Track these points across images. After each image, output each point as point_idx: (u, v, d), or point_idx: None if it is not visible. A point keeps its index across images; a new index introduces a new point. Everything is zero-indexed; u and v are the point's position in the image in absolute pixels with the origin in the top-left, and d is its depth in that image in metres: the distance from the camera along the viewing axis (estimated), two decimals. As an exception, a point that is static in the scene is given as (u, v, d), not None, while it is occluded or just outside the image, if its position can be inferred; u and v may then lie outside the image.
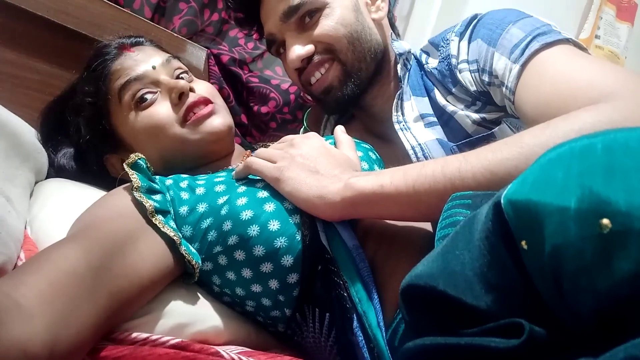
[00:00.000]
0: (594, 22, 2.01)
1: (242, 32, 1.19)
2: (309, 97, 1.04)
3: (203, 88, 0.82)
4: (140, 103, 0.77)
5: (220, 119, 0.78)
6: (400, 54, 0.90)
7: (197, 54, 1.20)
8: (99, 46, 0.85)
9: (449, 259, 0.36)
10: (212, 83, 1.13)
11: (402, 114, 0.88)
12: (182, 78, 0.81)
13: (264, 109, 1.28)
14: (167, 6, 1.18)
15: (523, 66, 0.68)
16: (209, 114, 0.77)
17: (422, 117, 0.86)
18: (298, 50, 0.85)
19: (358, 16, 0.87)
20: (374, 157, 0.82)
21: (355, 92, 0.87)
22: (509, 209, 0.33)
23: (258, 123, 1.30)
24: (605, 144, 0.30)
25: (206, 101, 0.78)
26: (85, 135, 0.82)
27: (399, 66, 0.89)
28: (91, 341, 0.50)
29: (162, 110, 0.77)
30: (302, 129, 1.12)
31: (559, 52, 0.67)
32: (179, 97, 0.76)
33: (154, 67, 0.79)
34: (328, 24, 0.84)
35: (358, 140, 0.83)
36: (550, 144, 0.35)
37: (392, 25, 0.98)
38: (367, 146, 0.84)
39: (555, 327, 0.31)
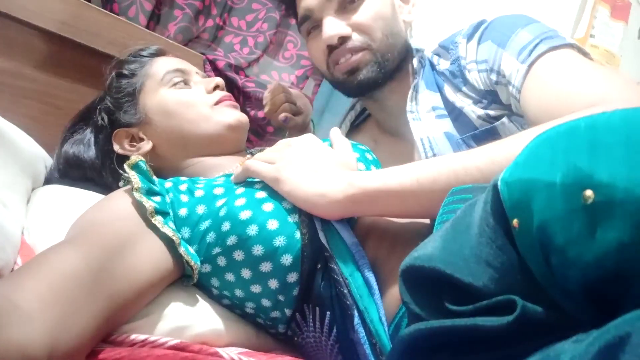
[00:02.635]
0: (588, 22, 2.02)
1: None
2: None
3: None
4: (175, 84, 0.84)
5: (242, 114, 0.86)
6: (418, 50, 0.94)
7: (193, 61, 1.21)
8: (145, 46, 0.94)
9: (448, 240, 0.36)
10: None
11: (417, 103, 0.91)
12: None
13: (260, 114, 1.28)
14: (161, 13, 1.19)
15: (530, 66, 0.71)
16: (235, 106, 0.86)
17: (434, 109, 0.89)
18: (337, 28, 0.86)
19: (394, 13, 0.91)
20: (370, 158, 0.83)
21: (378, 77, 0.89)
22: (504, 190, 0.34)
23: (255, 128, 1.31)
24: (588, 123, 0.32)
25: (234, 101, 0.88)
26: (113, 96, 0.85)
27: (414, 60, 0.93)
28: (90, 343, 0.50)
29: (195, 91, 0.85)
30: (286, 134, 1.12)
31: (563, 55, 0.70)
32: (213, 88, 0.86)
33: (197, 72, 0.89)
34: (369, 13, 0.87)
35: (354, 143, 0.84)
36: None
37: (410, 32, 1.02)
38: (363, 148, 0.84)
39: (550, 307, 0.32)
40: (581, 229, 0.29)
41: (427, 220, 0.64)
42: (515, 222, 0.32)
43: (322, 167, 0.63)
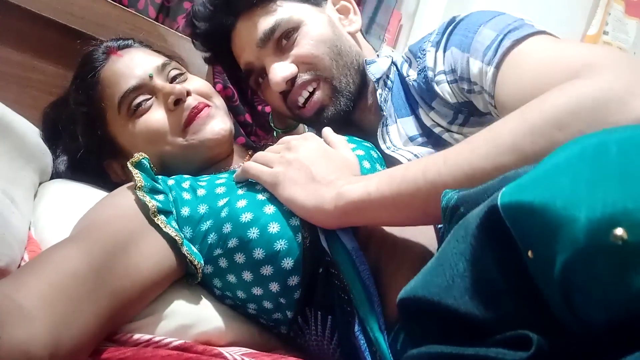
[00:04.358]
0: (602, 18, 1.99)
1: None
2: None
3: (199, 86, 0.81)
4: (136, 110, 0.76)
5: (219, 124, 0.78)
6: (378, 80, 0.86)
7: (202, 53, 1.20)
8: (85, 54, 0.84)
9: (441, 270, 0.35)
10: (216, 82, 1.13)
11: (390, 139, 0.85)
12: (176, 78, 0.80)
13: (268, 109, 1.27)
14: (171, 6, 1.19)
15: (497, 67, 0.64)
16: (207, 117, 0.77)
17: (411, 139, 0.83)
18: (282, 71, 0.81)
19: (335, 30, 0.85)
20: (375, 155, 0.81)
21: (348, 105, 0.85)
22: (509, 215, 0.31)
23: (263, 122, 1.30)
24: (621, 147, 0.28)
25: (203, 106, 0.77)
26: (83, 145, 0.81)
27: (378, 92, 0.86)
28: (93, 343, 0.50)
29: (158, 117, 0.76)
30: (274, 133, 1.09)
31: (532, 44, 0.63)
32: (175, 103, 0.76)
33: (150, 76, 0.77)
34: (308, 42, 0.82)
35: (359, 140, 0.83)
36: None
37: (363, 40, 0.94)
38: (368, 145, 0.83)
39: (556, 334, 0.30)
40: (609, 271, 0.26)
41: (430, 226, 0.64)
42: (530, 253, 0.30)
43: (320, 173, 0.61)
